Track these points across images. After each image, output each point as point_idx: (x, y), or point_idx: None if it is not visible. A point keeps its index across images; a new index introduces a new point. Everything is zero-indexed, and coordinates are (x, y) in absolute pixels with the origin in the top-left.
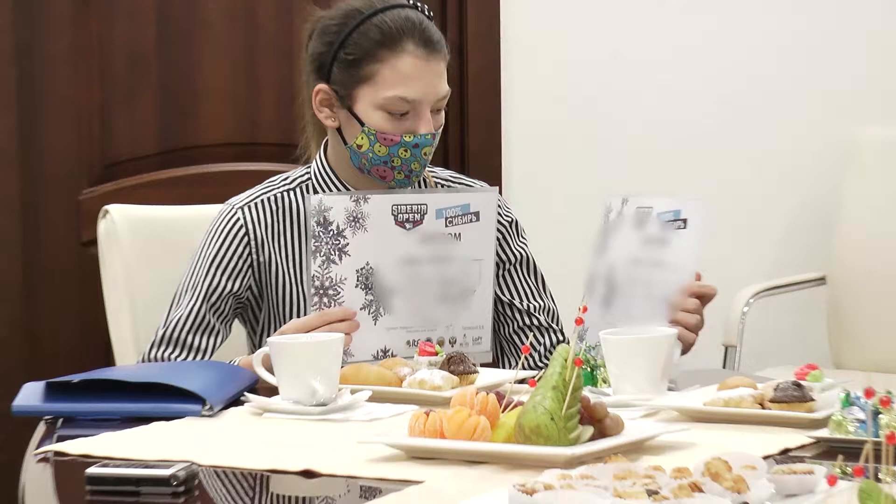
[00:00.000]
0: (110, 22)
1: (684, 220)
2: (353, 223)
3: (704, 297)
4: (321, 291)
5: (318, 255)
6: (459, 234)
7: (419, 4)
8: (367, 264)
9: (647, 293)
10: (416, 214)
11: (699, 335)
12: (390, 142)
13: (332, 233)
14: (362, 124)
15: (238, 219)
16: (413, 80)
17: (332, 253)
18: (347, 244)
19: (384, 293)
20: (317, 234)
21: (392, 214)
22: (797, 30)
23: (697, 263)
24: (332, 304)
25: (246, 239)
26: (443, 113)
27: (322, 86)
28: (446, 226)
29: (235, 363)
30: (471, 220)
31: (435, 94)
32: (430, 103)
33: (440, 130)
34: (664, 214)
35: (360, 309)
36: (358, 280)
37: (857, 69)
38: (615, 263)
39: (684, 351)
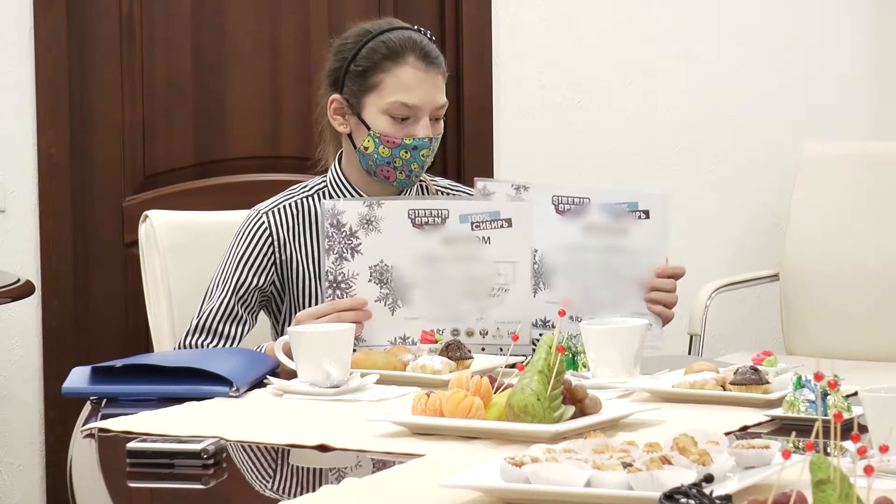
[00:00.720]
0: (151, 50)
1: (645, 212)
2: (366, 225)
3: (676, 277)
4: (334, 285)
5: (331, 252)
6: (489, 238)
7: (422, 29)
8: (382, 261)
9: (613, 276)
10: (436, 218)
11: (675, 313)
12: (392, 144)
13: (344, 233)
14: (369, 129)
15: (263, 222)
16: (413, 88)
17: (345, 251)
18: (360, 244)
19: (402, 287)
20: (330, 234)
21: (409, 218)
22: (757, 62)
23: (667, 248)
24: (344, 296)
25: (270, 240)
26: (441, 123)
27: (336, 96)
28: (472, 229)
29: (261, 349)
30: (501, 226)
31: (433, 103)
32: (428, 110)
33: (439, 137)
34: (619, 206)
35: (375, 301)
36: (371, 275)
37: (806, 93)
38: (541, 248)
39: (664, 324)
